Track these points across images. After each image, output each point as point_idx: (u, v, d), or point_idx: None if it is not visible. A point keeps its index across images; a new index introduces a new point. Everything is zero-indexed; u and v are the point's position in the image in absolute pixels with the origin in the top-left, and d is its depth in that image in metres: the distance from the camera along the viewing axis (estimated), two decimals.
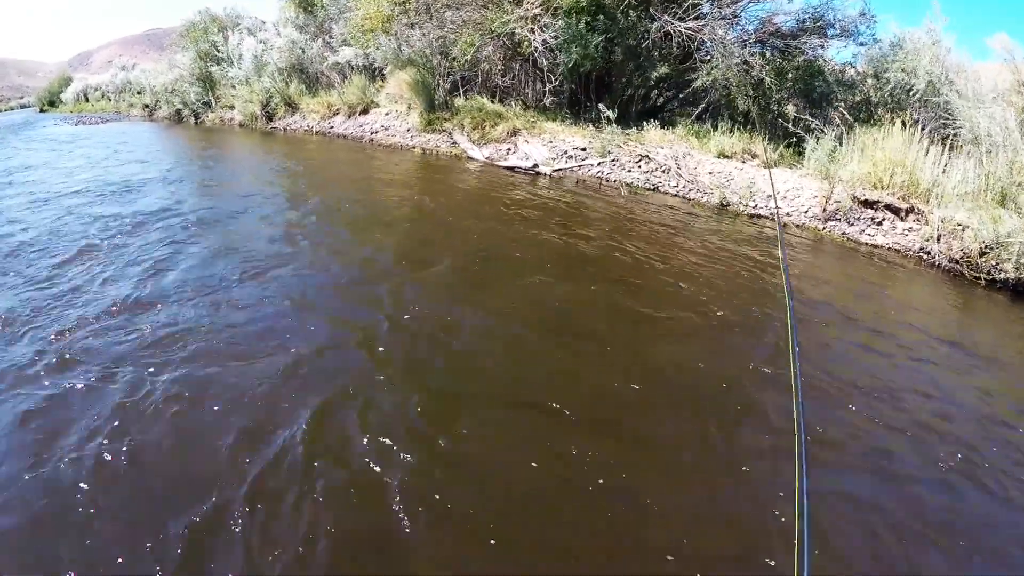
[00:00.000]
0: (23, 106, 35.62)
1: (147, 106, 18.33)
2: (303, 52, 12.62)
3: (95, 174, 7.33)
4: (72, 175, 7.32)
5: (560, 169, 8.19)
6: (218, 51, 14.75)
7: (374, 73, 11.34)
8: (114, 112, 23.17)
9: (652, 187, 7.79)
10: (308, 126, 11.60)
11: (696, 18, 8.21)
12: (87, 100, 28.11)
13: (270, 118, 12.48)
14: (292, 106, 12.20)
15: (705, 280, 4.35)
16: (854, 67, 8.92)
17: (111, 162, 8.37)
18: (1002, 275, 5.07)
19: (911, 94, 8.06)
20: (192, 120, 15.20)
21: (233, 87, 13.90)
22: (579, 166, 8.22)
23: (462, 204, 6.36)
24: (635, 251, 4.94)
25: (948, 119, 7.43)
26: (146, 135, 12.22)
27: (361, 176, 7.79)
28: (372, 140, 10.23)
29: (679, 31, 8.10)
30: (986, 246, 5.25)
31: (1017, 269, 4.98)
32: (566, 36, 8.21)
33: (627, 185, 7.83)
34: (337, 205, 6.03)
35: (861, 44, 8.59)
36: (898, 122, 6.64)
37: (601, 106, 8.25)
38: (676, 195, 7.62)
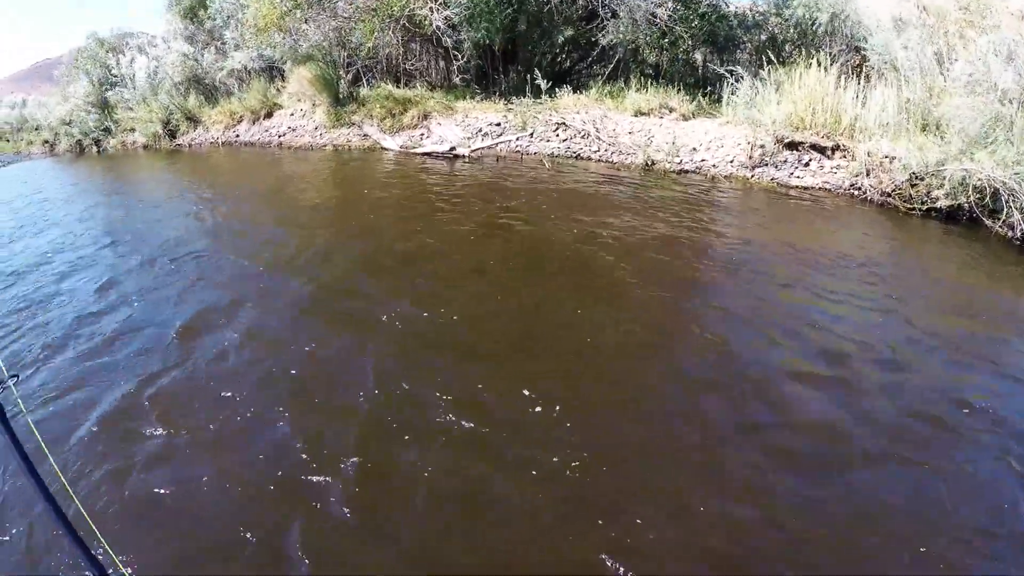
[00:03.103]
0: None
1: (47, 141, 17.21)
2: (197, 63, 11.79)
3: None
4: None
5: (478, 148, 7.84)
6: (112, 74, 13.77)
7: (273, 74, 10.69)
8: (14, 153, 21.60)
9: (574, 155, 7.53)
10: (213, 138, 10.84)
11: None
12: None
13: (173, 135, 11.62)
14: (194, 120, 11.38)
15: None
16: (757, 6, 8.85)
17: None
18: (936, 204, 4.97)
19: (816, 28, 8.01)
20: (94, 149, 14.18)
21: (131, 109, 12.95)
22: (496, 143, 7.89)
23: (379, 216, 5.62)
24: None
25: (861, 48, 7.37)
26: (45, 179, 11.05)
27: (267, 199, 6.64)
28: (280, 144, 9.61)
29: None
30: (916, 176, 5.12)
31: (948, 196, 4.88)
32: (471, 11, 7.81)
33: (549, 156, 7.54)
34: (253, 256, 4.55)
35: None
36: (813, 61, 6.51)
37: (538, 75, 7.80)
38: (600, 160, 7.38)
